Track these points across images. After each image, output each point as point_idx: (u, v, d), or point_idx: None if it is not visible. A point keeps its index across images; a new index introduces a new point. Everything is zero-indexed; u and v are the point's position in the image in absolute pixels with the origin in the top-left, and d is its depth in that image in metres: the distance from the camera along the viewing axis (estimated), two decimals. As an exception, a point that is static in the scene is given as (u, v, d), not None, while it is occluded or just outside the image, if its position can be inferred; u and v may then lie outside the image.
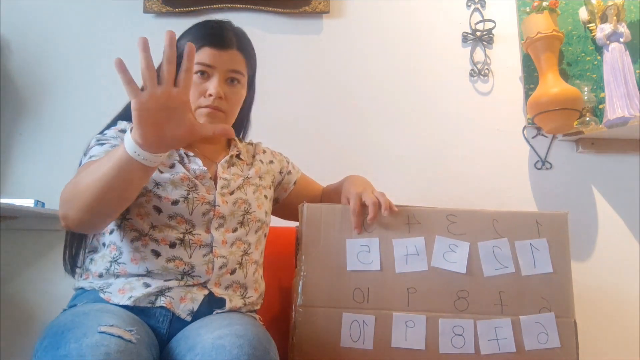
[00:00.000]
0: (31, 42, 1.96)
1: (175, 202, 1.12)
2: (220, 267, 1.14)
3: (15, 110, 1.92)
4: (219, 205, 1.17)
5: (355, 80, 1.98)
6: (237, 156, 1.30)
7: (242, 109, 1.31)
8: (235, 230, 1.19)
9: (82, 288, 1.15)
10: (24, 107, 1.92)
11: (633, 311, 1.83)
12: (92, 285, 1.12)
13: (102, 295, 1.09)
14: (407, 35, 2.02)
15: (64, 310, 1.11)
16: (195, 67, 1.16)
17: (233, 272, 1.17)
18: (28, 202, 1.71)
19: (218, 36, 1.21)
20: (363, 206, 1.24)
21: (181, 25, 1.95)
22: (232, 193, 1.21)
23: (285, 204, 1.43)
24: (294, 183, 1.43)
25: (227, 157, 1.26)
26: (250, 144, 1.41)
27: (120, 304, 1.06)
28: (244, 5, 1.95)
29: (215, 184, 1.20)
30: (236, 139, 1.35)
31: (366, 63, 2.00)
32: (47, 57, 1.96)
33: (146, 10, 1.97)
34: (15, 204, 1.63)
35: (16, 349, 1.78)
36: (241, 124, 1.40)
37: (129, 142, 0.90)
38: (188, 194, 1.14)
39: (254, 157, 1.35)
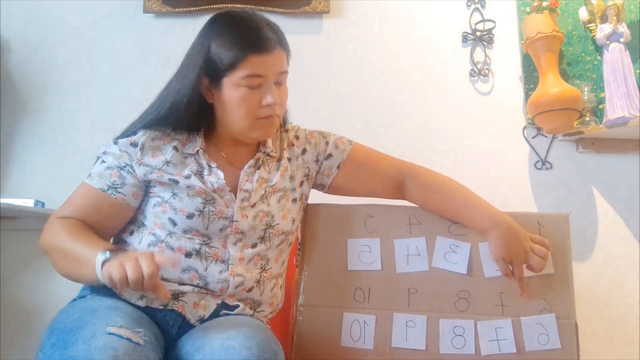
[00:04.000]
0: (31, 42, 1.96)
1: (190, 216, 1.09)
2: (237, 287, 1.11)
3: (15, 110, 1.92)
4: (237, 221, 1.12)
5: (355, 80, 1.98)
6: (267, 153, 1.22)
7: None
8: (254, 245, 1.15)
9: None
10: (24, 107, 1.92)
11: (633, 311, 1.83)
12: None
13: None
14: (407, 35, 2.02)
15: (74, 300, 1.12)
16: (246, 81, 1.09)
17: (250, 290, 1.14)
18: (28, 202, 1.71)
19: (261, 40, 1.09)
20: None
21: (181, 25, 1.98)
22: (253, 206, 1.15)
23: (337, 186, 1.30)
24: (338, 167, 1.28)
25: (251, 162, 1.19)
26: (285, 130, 1.29)
27: (132, 302, 1.06)
28: (243, 5, 1.95)
29: (236, 195, 1.14)
30: None
31: (366, 63, 2.00)
32: (47, 57, 1.95)
33: (146, 10, 1.97)
34: (15, 204, 1.63)
35: (16, 349, 1.78)
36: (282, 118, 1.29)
37: (100, 273, 0.96)
38: (204, 207, 1.10)
39: (284, 149, 1.26)
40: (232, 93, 1.10)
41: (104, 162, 1.13)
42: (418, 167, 1.30)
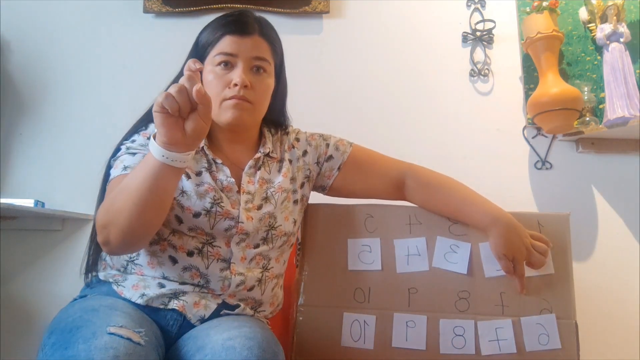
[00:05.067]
0: (31, 42, 1.96)
1: (197, 215, 1.09)
2: (238, 285, 1.11)
3: (15, 110, 1.92)
4: (242, 222, 1.12)
5: (355, 81, 1.98)
6: (267, 154, 1.23)
7: (274, 102, 1.24)
8: (257, 246, 1.15)
9: (96, 276, 1.15)
10: (24, 107, 1.92)
11: (633, 311, 1.83)
12: (107, 277, 1.12)
13: (115, 287, 1.09)
14: (407, 35, 2.02)
15: (74, 299, 1.12)
16: (217, 58, 1.13)
17: (251, 289, 1.14)
18: (28, 202, 1.71)
19: (238, 22, 1.15)
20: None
21: (181, 25, 1.98)
22: (258, 208, 1.15)
23: (337, 188, 1.31)
24: (339, 168, 1.29)
25: (251, 162, 1.19)
26: (286, 133, 1.30)
27: (132, 300, 1.06)
28: (244, 6, 1.95)
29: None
30: (266, 133, 1.26)
31: (366, 63, 2.00)
32: (47, 57, 1.95)
33: (146, 10, 1.97)
34: (15, 204, 1.63)
35: (16, 349, 1.78)
36: (278, 121, 1.30)
37: (155, 147, 0.90)
38: (211, 207, 1.09)
39: (285, 151, 1.26)
40: (207, 73, 1.14)
41: (135, 154, 1.11)
42: (418, 167, 1.31)
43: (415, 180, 1.28)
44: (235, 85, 1.11)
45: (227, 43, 1.13)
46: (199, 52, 1.17)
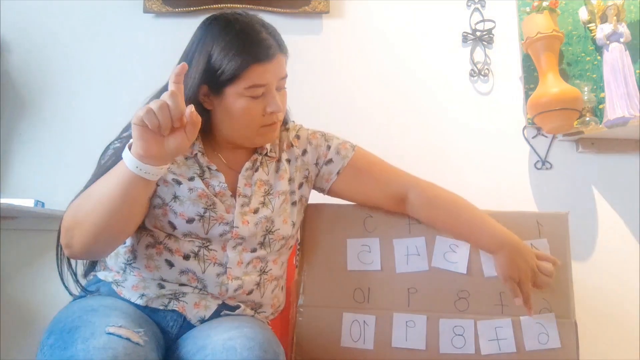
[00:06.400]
0: (31, 42, 1.96)
1: (190, 220, 1.07)
2: (235, 290, 1.10)
3: (15, 110, 1.92)
4: (237, 227, 1.10)
5: (355, 81, 1.98)
6: (265, 154, 1.20)
7: None
8: (254, 250, 1.14)
9: (95, 275, 1.15)
10: (24, 107, 1.92)
11: (633, 311, 1.83)
12: (107, 277, 1.12)
13: (114, 287, 1.09)
14: (407, 35, 2.02)
15: (74, 299, 1.11)
16: (250, 91, 1.07)
17: (250, 292, 1.13)
18: (28, 202, 1.71)
19: (263, 48, 1.07)
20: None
21: (181, 25, 1.98)
22: (254, 211, 1.13)
23: (336, 191, 1.28)
24: (337, 173, 1.25)
25: (248, 164, 1.17)
26: (286, 130, 1.27)
27: (132, 300, 1.06)
28: (243, 5, 1.95)
29: (236, 199, 1.13)
30: None
31: (366, 63, 2.00)
32: (47, 57, 1.95)
33: (146, 10, 1.97)
34: (15, 204, 1.63)
35: (16, 349, 1.78)
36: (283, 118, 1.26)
37: (129, 158, 0.90)
38: (205, 212, 1.08)
39: (284, 150, 1.24)
40: (234, 102, 1.08)
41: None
42: (424, 182, 1.26)
43: (420, 196, 1.24)
44: (272, 113, 1.11)
45: (257, 74, 1.07)
46: (214, 77, 1.08)
